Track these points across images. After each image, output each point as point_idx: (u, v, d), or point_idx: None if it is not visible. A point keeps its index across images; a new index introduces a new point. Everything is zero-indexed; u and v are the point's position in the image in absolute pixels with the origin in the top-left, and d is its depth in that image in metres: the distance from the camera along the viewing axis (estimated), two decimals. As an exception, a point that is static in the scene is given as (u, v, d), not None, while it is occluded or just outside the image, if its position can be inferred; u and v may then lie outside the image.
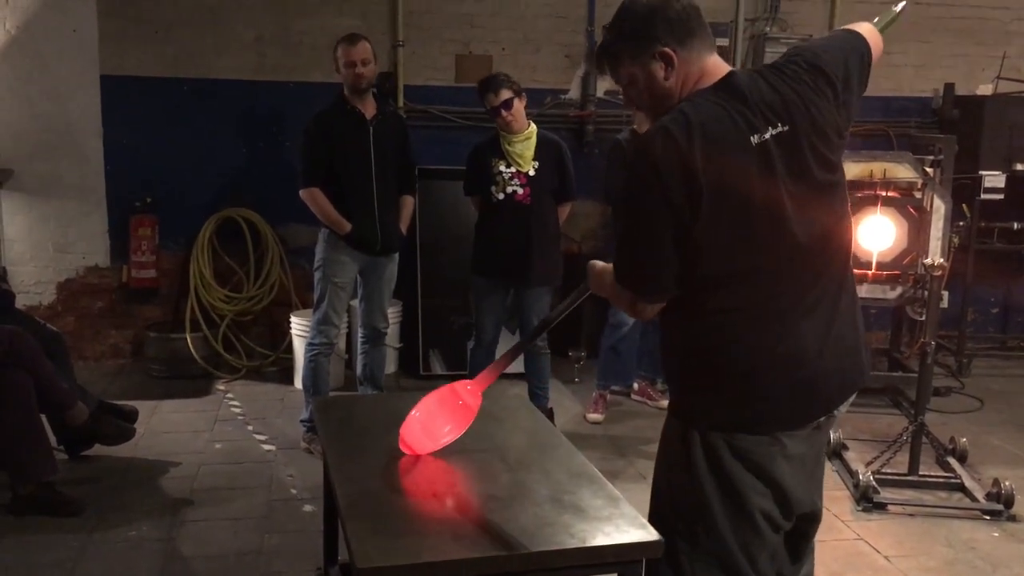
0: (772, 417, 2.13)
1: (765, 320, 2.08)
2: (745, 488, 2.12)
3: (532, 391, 4.79)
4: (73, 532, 3.75)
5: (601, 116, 6.35)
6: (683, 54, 2.07)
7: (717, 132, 1.98)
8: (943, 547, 3.85)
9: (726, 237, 2.00)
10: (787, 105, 2.05)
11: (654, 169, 1.96)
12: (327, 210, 4.54)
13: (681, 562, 2.18)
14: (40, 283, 6.01)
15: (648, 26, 2.07)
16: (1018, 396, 5.96)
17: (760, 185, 2.00)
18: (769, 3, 6.49)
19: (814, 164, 2.07)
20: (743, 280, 2.06)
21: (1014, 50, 6.67)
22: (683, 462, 2.15)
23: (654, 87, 2.11)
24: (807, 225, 2.06)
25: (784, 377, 2.10)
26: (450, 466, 2.53)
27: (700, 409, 2.16)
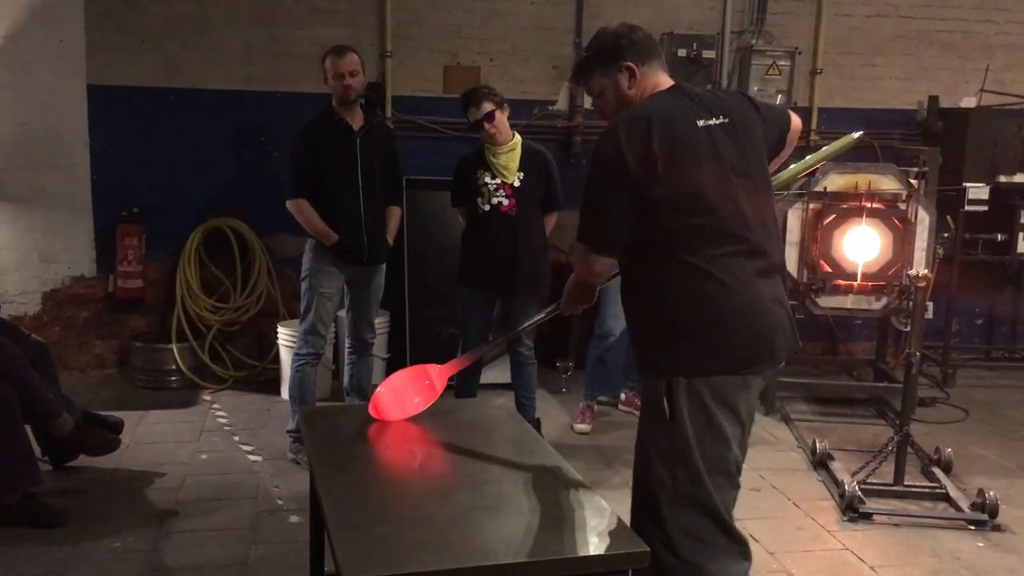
0: (745, 357, 2.47)
1: (732, 271, 2.44)
2: (727, 433, 2.46)
3: (519, 401, 4.79)
4: (57, 543, 3.73)
5: (588, 127, 6.37)
6: (643, 70, 2.58)
7: (667, 115, 2.44)
8: (928, 557, 3.86)
9: (680, 201, 2.41)
10: (727, 106, 2.56)
11: (615, 144, 2.39)
12: (314, 221, 4.54)
13: (663, 513, 2.45)
14: (25, 293, 5.98)
15: (616, 47, 2.60)
16: (1003, 406, 6.00)
17: (707, 156, 2.44)
18: (755, 16, 6.53)
19: (751, 152, 2.54)
20: (707, 235, 2.42)
21: (997, 63, 6.74)
22: (666, 413, 2.43)
23: (620, 95, 2.60)
24: (750, 200, 2.48)
25: (752, 322, 2.46)
26: (437, 476, 2.54)
27: (686, 357, 2.44)
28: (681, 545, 2.44)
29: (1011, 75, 6.82)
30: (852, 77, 6.73)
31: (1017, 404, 6.06)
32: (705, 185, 2.41)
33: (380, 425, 2.97)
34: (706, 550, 2.46)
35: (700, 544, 2.46)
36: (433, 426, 2.96)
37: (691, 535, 2.45)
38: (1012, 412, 5.89)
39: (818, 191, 5.38)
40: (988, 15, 6.77)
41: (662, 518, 2.45)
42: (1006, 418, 5.77)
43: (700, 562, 2.45)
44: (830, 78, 6.70)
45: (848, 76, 6.73)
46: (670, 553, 2.44)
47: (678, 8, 6.45)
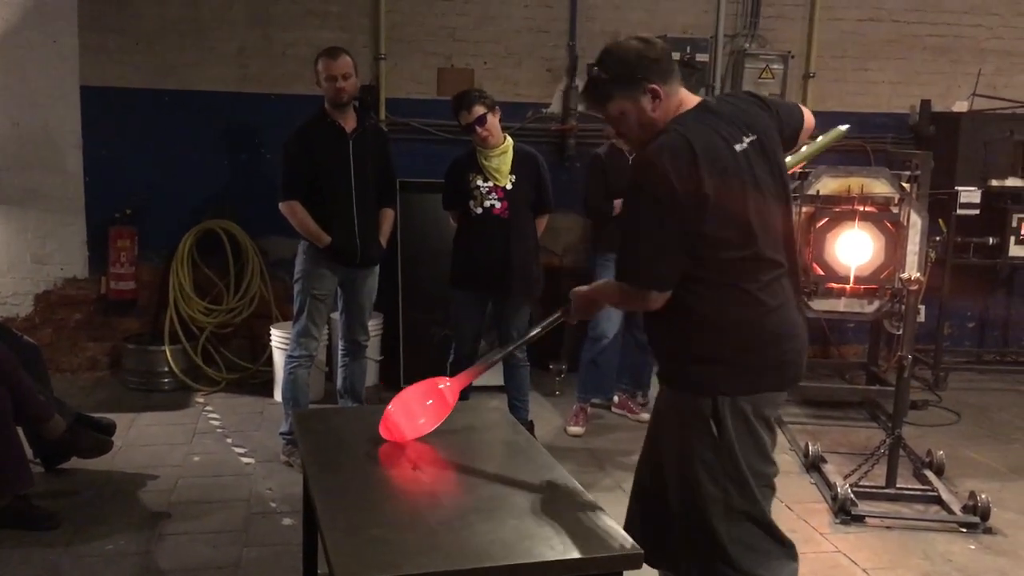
0: (788, 376, 2.55)
1: (777, 295, 2.47)
2: (767, 448, 2.53)
3: (512, 404, 4.79)
4: (49, 546, 3.72)
5: (582, 130, 6.38)
6: (666, 89, 2.44)
7: (710, 146, 2.35)
8: (920, 560, 3.87)
9: (731, 232, 2.37)
10: (750, 119, 2.50)
11: (666, 182, 2.29)
12: (306, 223, 4.54)
13: (715, 527, 2.47)
14: (17, 295, 5.97)
15: (637, 67, 2.42)
16: (994, 409, 6.02)
17: (749, 185, 2.40)
18: (748, 20, 6.55)
19: (776, 167, 2.52)
20: (753, 262, 2.42)
21: (989, 68, 6.78)
22: (713, 432, 2.45)
23: (643, 119, 2.45)
24: (781, 220, 2.50)
25: (793, 342, 2.52)
26: (430, 478, 2.54)
27: (733, 378, 2.45)
28: (737, 556, 2.49)
29: (1003, 79, 6.85)
30: (845, 81, 6.76)
31: (1008, 407, 6.08)
32: (750, 215, 2.39)
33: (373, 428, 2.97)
34: (759, 557, 2.52)
35: (753, 552, 2.52)
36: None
37: (744, 545, 2.50)
38: (1003, 415, 5.92)
39: (811, 194, 5.40)
40: (980, 20, 6.81)
41: (715, 532, 2.48)
42: (998, 421, 5.79)
43: (755, 569, 2.51)
44: (823, 82, 6.72)
45: (841, 80, 6.75)
46: (726, 565, 2.49)
47: (672, 11, 6.46)
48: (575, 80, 6.37)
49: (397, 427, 2.78)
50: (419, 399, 2.85)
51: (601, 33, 6.41)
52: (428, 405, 2.85)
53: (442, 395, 2.87)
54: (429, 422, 2.83)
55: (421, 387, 2.89)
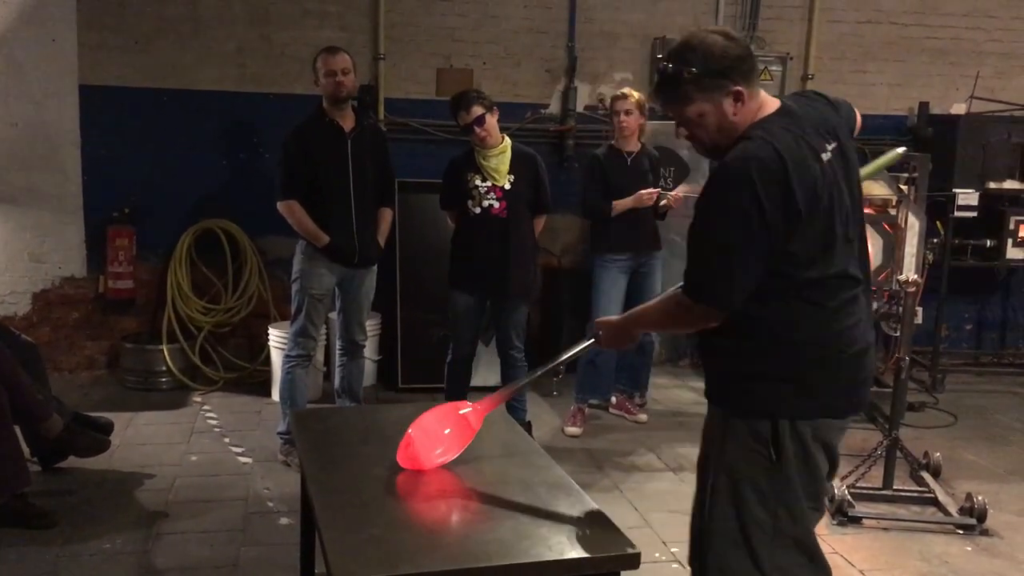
0: (851, 404, 2.40)
1: (857, 315, 2.33)
2: (821, 472, 2.38)
3: (509, 404, 4.77)
4: (46, 545, 3.71)
5: (581, 131, 6.39)
6: (749, 91, 2.24)
7: (800, 158, 2.17)
8: (917, 561, 3.88)
9: (816, 247, 2.21)
10: (829, 124, 2.33)
11: (754, 195, 2.12)
12: (304, 222, 4.54)
13: (759, 553, 2.33)
14: (15, 293, 5.96)
15: (722, 67, 2.21)
16: (991, 411, 6.03)
17: (836, 199, 2.23)
18: (747, 21, 6.56)
19: (855, 176, 2.36)
20: (837, 279, 2.27)
21: (987, 70, 6.79)
22: (770, 454, 2.30)
23: (723, 123, 2.26)
24: (859, 233, 2.36)
25: (861, 365, 2.37)
26: (427, 478, 2.54)
27: (800, 400, 2.31)
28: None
29: (1001, 82, 6.86)
30: (843, 83, 6.76)
31: (1006, 409, 6.09)
32: (836, 231, 2.24)
33: (371, 427, 2.97)
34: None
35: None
36: (424, 428, 2.95)
37: (786, 572, 2.37)
38: (1001, 417, 5.92)
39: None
40: (978, 22, 6.82)
41: (757, 557, 2.34)
42: (995, 423, 5.80)
43: None
44: (821, 84, 6.70)
45: (839, 82, 6.75)
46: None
47: (670, 13, 6.47)
48: (573, 81, 6.38)
49: (418, 456, 2.57)
50: (441, 425, 2.64)
51: (600, 34, 6.42)
52: (450, 432, 2.63)
53: (465, 421, 2.66)
54: (452, 449, 2.62)
55: (442, 411, 2.70)
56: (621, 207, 5.05)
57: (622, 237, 5.14)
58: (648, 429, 5.43)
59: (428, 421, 2.64)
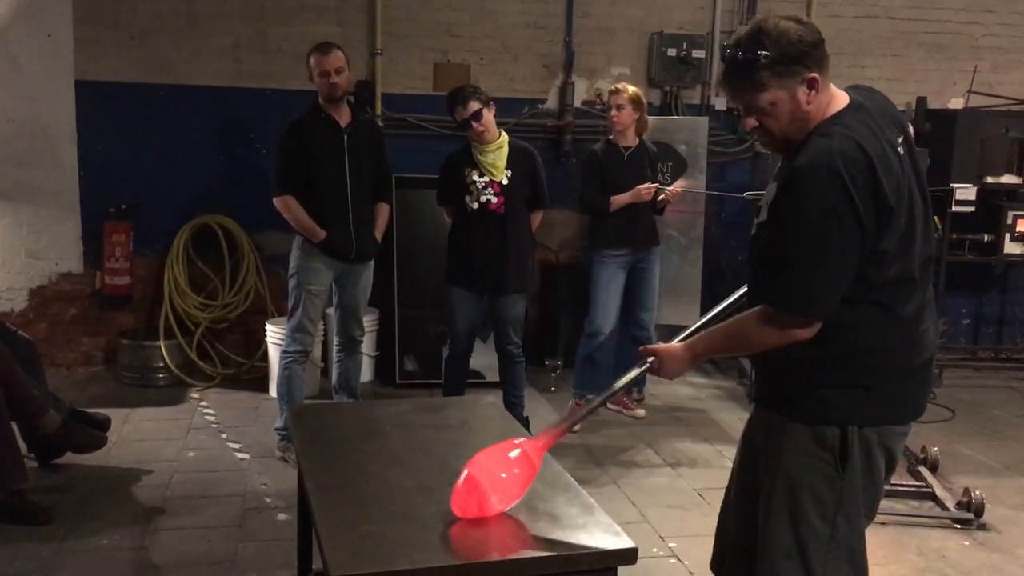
0: (915, 409, 2.33)
1: (926, 320, 2.27)
2: (880, 479, 2.31)
3: (507, 400, 4.79)
4: (44, 541, 3.71)
5: (578, 126, 6.39)
6: (823, 79, 2.16)
7: (881, 152, 2.09)
8: (914, 556, 3.88)
9: (897, 244, 2.13)
10: (893, 114, 2.25)
11: (845, 191, 2.03)
12: (301, 218, 4.53)
13: (812, 565, 2.25)
14: (12, 290, 5.95)
15: (797, 52, 2.12)
16: (989, 406, 6.03)
17: (915, 196, 2.17)
18: (745, 16, 6.54)
19: (921, 172, 2.25)
20: (910, 281, 2.19)
21: (985, 64, 6.78)
22: (836, 463, 2.22)
23: (797, 112, 2.15)
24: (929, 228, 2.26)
25: (928, 370, 2.32)
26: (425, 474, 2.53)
27: (869, 407, 2.23)
28: None
29: (998, 77, 6.86)
30: (840, 78, 6.57)
31: (1003, 404, 6.10)
32: (917, 227, 2.17)
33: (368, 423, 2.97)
34: None
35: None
36: (422, 424, 2.96)
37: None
38: (998, 412, 5.93)
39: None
40: (976, 17, 6.81)
41: (811, 569, 2.25)
42: (992, 418, 5.80)
43: None
44: (819, 78, 6.70)
45: (836, 77, 6.62)
46: None
47: (668, 7, 6.46)
48: (571, 76, 6.37)
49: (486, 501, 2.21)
50: (501, 466, 2.26)
51: (597, 29, 6.41)
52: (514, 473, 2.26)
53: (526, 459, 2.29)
54: (516, 491, 2.26)
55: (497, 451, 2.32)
56: (619, 202, 5.05)
57: (620, 232, 5.14)
58: (646, 424, 5.43)
59: (485, 463, 2.26)
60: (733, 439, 5.16)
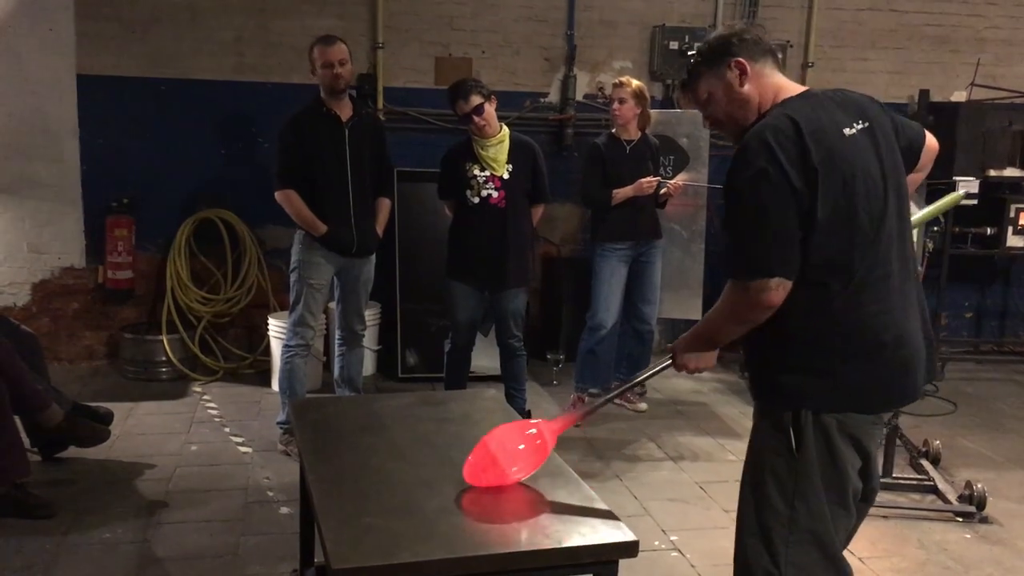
0: (883, 398, 2.33)
1: (885, 299, 2.26)
2: (847, 467, 2.30)
3: (509, 393, 4.80)
4: (46, 534, 3.72)
5: (580, 120, 6.38)
6: (756, 67, 2.32)
7: (816, 123, 2.20)
8: (916, 549, 3.88)
9: (836, 220, 2.18)
10: (862, 108, 2.33)
11: (771, 155, 2.15)
12: (302, 212, 4.53)
13: (776, 547, 2.32)
14: (14, 284, 5.96)
15: (724, 44, 2.35)
16: (991, 399, 6.03)
17: (860, 169, 2.22)
18: (747, 9, 6.54)
19: (891, 161, 2.32)
20: (861, 259, 2.22)
21: (988, 57, 6.77)
22: (791, 445, 2.28)
23: (732, 94, 2.34)
24: (896, 215, 2.29)
25: (895, 357, 2.28)
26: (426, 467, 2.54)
27: (821, 391, 2.26)
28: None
29: (1001, 69, 6.84)
30: (843, 71, 6.75)
31: (1005, 397, 6.10)
32: (859, 203, 2.20)
33: (370, 417, 2.97)
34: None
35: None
36: (423, 417, 2.96)
37: (801, 570, 2.33)
38: (1000, 405, 5.93)
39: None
40: (978, 9, 6.80)
41: (775, 552, 2.32)
42: (994, 411, 5.80)
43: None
44: (821, 72, 6.71)
45: (839, 70, 6.74)
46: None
47: (670, 0, 6.45)
48: (573, 69, 6.36)
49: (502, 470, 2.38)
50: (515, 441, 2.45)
51: (598, 22, 6.40)
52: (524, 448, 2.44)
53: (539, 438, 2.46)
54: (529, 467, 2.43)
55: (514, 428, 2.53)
56: (621, 196, 5.05)
57: (622, 226, 5.13)
58: (648, 418, 5.43)
59: (501, 437, 2.45)
60: (735, 433, 5.18)
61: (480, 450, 2.42)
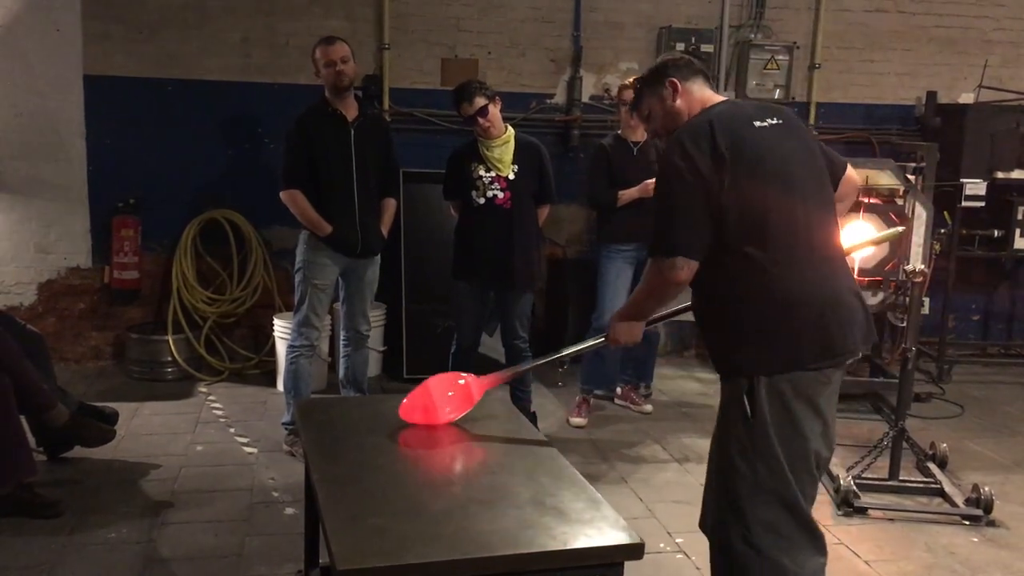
0: (826, 351, 2.52)
1: (806, 263, 2.52)
2: (805, 429, 2.52)
3: (515, 394, 4.79)
4: (52, 534, 3.72)
5: (586, 121, 6.37)
6: (686, 85, 2.69)
7: (727, 117, 2.55)
8: (923, 552, 3.87)
9: (751, 197, 2.46)
10: (780, 111, 2.68)
11: (681, 149, 2.48)
12: (307, 212, 4.53)
13: (743, 506, 2.52)
14: (21, 284, 5.97)
15: (661, 68, 2.74)
16: (998, 402, 6.01)
17: (768, 152, 2.52)
18: (754, 11, 6.53)
19: (805, 150, 2.64)
20: (774, 231, 2.48)
21: (995, 59, 6.74)
22: (746, 411, 2.51)
23: (665, 109, 2.71)
24: (813, 195, 2.58)
25: (831, 312, 2.52)
26: (431, 468, 2.54)
27: (764, 355, 2.51)
28: (759, 538, 2.51)
29: (1009, 71, 6.82)
30: (850, 72, 6.73)
31: (1013, 400, 6.07)
32: (769, 182, 2.48)
33: (375, 417, 2.97)
34: (783, 543, 2.52)
35: (778, 537, 2.51)
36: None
37: (769, 529, 2.51)
38: (1008, 408, 5.90)
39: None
40: (986, 11, 6.77)
41: (742, 511, 2.52)
42: (1001, 414, 5.78)
43: (777, 556, 2.51)
44: (828, 73, 6.69)
45: (847, 71, 6.73)
46: (747, 545, 2.52)
47: (677, 2, 6.44)
48: (579, 70, 6.36)
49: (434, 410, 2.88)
50: (446, 387, 2.95)
51: (605, 23, 6.40)
52: (453, 396, 2.93)
53: (467, 389, 2.97)
54: (457, 411, 2.92)
55: (446, 377, 3.02)
56: (627, 197, 5.03)
57: (628, 227, 5.12)
58: (653, 420, 5.42)
59: (436, 383, 2.96)
60: (741, 434, 5.16)
61: (417, 393, 2.92)
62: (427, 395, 2.92)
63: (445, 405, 2.90)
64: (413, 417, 2.87)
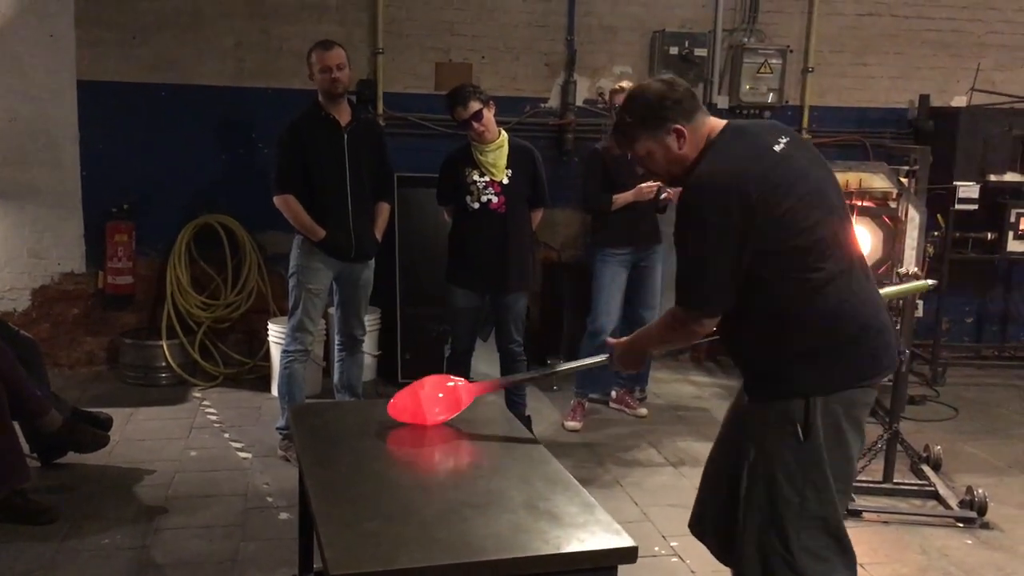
0: (875, 365, 2.50)
1: (851, 276, 2.46)
2: (852, 448, 2.50)
3: (510, 398, 4.77)
4: (46, 540, 3.72)
5: (580, 125, 6.38)
6: (691, 127, 2.49)
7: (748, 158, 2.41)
8: (917, 554, 3.87)
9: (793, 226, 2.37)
10: (781, 127, 2.58)
11: (712, 207, 2.36)
12: (300, 216, 4.53)
13: (787, 532, 2.45)
14: (15, 289, 5.96)
15: (659, 109, 2.49)
16: (992, 405, 6.02)
17: (797, 178, 2.42)
18: (747, 14, 6.55)
19: (819, 162, 2.56)
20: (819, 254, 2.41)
21: (988, 62, 6.76)
22: (799, 435, 2.42)
23: (670, 156, 2.52)
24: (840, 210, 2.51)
25: (875, 326, 2.48)
26: (425, 472, 2.54)
27: (821, 374, 2.44)
28: (803, 564, 2.46)
29: (1001, 74, 6.84)
30: (844, 76, 6.75)
31: (1007, 402, 6.09)
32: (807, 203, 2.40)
33: (369, 422, 2.97)
34: (824, 567, 2.49)
35: (819, 562, 2.48)
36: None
37: (812, 554, 2.47)
38: (1001, 410, 5.92)
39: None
40: (979, 14, 6.79)
41: (787, 537, 2.46)
42: (995, 416, 5.79)
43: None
44: (821, 77, 6.71)
45: (840, 75, 6.75)
46: (790, 571, 2.47)
47: (670, 6, 6.45)
48: (573, 74, 6.36)
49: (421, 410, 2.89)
50: (437, 390, 2.97)
51: (599, 27, 6.41)
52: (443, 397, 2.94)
53: (456, 392, 2.97)
54: (446, 412, 2.92)
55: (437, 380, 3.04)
56: (621, 201, 5.04)
57: (622, 231, 5.13)
58: (648, 423, 5.43)
59: (427, 384, 2.98)
60: (736, 438, 5.16)
61: (407, 392, 2.94)
62: (417, 395, 2.93)
63: (434, 406, 2.90)
64: (401, 416, 2.89)
